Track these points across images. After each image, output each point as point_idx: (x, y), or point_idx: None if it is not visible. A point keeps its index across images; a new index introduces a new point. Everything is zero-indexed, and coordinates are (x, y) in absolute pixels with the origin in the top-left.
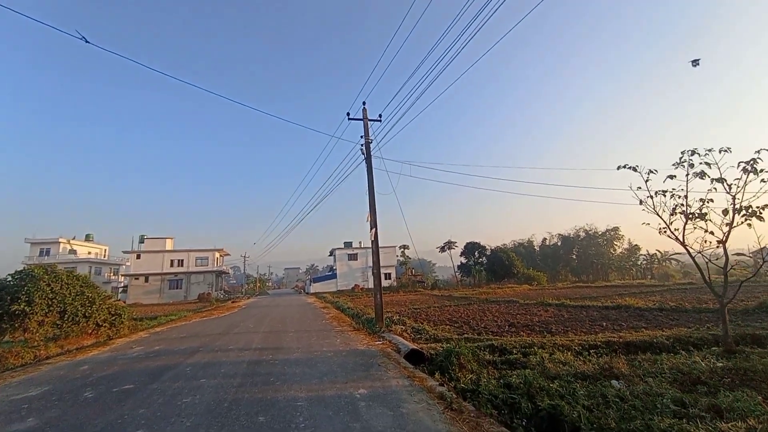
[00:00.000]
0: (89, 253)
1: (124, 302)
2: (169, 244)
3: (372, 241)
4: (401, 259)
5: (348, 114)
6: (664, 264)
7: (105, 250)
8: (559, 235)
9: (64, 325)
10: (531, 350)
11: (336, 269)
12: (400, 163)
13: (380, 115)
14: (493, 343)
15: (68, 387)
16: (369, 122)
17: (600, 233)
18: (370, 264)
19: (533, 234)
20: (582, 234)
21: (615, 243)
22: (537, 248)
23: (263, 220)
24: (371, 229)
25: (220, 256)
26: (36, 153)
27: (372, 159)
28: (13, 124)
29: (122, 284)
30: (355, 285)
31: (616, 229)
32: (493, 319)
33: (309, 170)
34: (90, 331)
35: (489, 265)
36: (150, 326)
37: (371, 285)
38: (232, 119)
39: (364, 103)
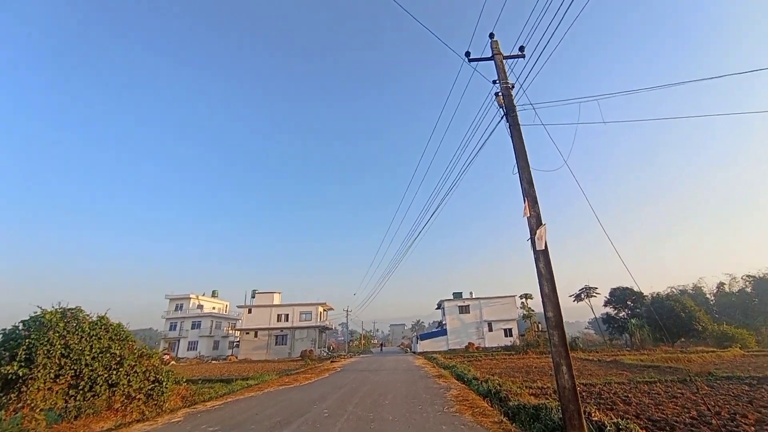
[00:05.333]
0: (213, 308)
1: (236, 357)
2: (276, 299)
3: (539, 251)
4: (523, 311)
5: (467, 54)
6: None
7: (226, 305)
8: (749, 277)
9: (78, 396)
10: None
11: (446, 324)
12: (575, 108)
13: (522, 48)
14: None
15: None
16: (504, 60)
17: None
18: (485, 317)
19: (701, 278)
20: None
21: None
22: (711, 296)
23: (362, 266)
24: (536, 227)
25: (323, 310)
26: (172, 212)
27: (517, 113)
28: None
29: (237, 339)
30: (469, 343)
31: None
32: None
33: (420, 159)
34: (118, 405)
35: (652, 319)
36: (211, 397)
37: (488, 343)
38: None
39: (491, 36)
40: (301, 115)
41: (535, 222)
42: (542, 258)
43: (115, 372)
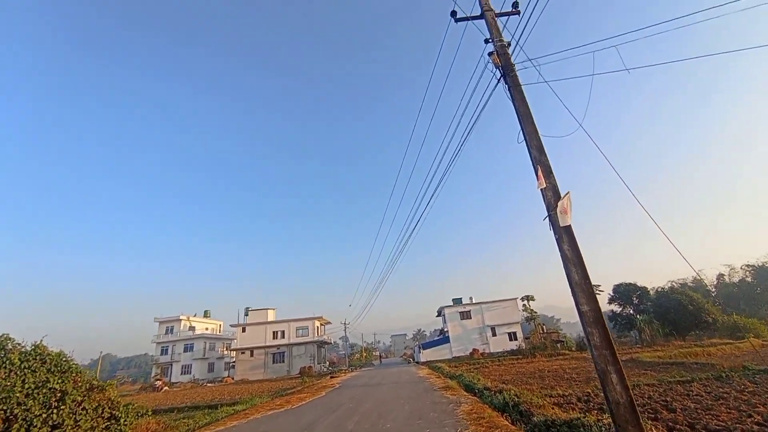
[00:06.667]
0: (206, 329)
1: (232, 378)
2: (271, 315)
3: (562, 229)
4: (525, 314)
5: (453, 13)
6: None
7: (220, 325)
8: (748, 266)
9: None
10: None
11: (447, 332)
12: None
13: (516, 4)
14: None
15: None
16: (497, 17)
17: None
18: (488, 322)
19: (701, 269)
20: None
21: None
22: (712, 288)
23: (357, 278)
24: (554, 201)
25: (321, 324)
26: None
27: (517, 73)
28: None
29: (233, 360)
30: (474, 350)
31: None
32: None
33: (407, 145)
34: None
35: (659, 313)
36: (188, 429)
37: (493, 348)
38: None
39: None
40: (281, 127)
41: (552, 194)
42: (566, 237)
43: (56, 411)
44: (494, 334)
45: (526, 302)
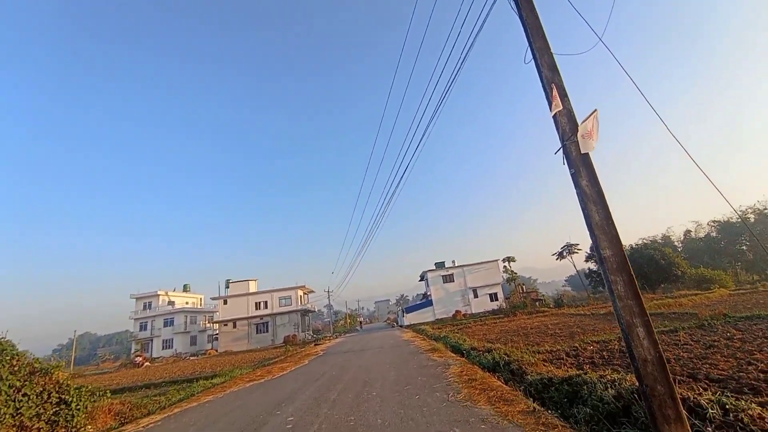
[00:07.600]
0: (186, 303)
1: (216, 351)
2: (252, 286)
3: (580, 159)
4: (506, 275)
5: None
6: None
7: (200, 299)
8: (714, 222)
9: None
10: None
11: (430, 295)
12: None
13: None
14: None
15: None
16: None
17: None
18: (470, 284)
19: (669, 227)
20: (752, 216)
21: None
22: (679, 243)
23: (339, 246)
24: (570, 127)
25: (304, 293)
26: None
27: None
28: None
29: (216, 332)
30: (456, 311)
31: None
32: None
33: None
34: None
35: (632, 269)
36: (160, 407)
37: (475, 309)
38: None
39: None
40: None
41: (567, 120)
42: (584, 171)
43: None
44: (476, 296)
45: (507, 264)
